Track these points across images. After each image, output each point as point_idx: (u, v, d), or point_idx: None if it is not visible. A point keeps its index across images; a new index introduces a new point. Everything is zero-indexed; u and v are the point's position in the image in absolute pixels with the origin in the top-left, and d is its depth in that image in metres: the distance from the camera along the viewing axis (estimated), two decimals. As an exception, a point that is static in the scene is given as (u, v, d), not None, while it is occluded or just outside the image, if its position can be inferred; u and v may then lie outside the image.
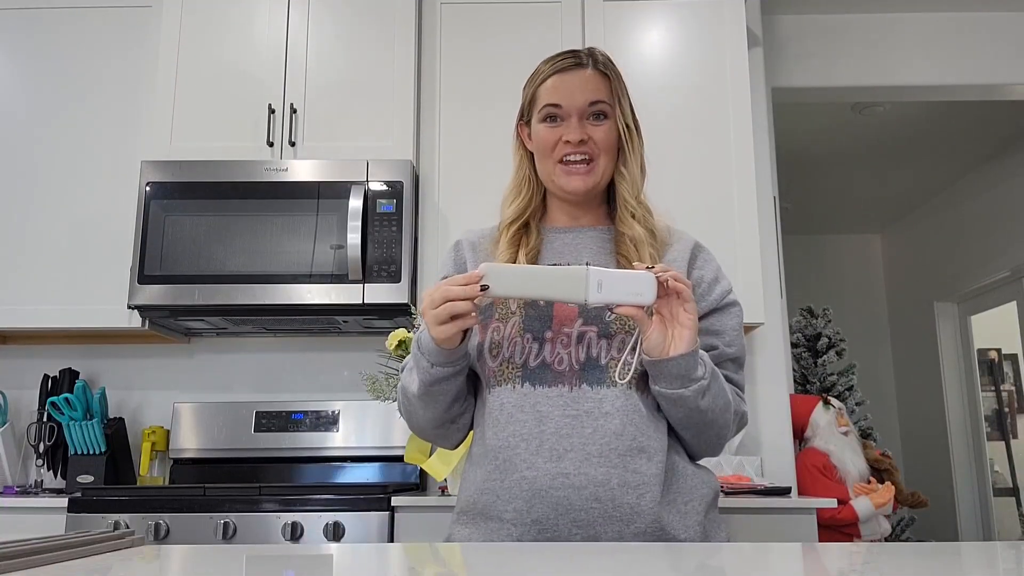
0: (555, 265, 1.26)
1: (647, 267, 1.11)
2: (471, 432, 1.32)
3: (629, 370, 1.17)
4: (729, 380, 1.25)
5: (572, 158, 1.27)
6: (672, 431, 1.23)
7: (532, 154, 1.33)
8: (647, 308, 1.11)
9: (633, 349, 1.17)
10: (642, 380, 1.19)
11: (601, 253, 1.29)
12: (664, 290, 1.11)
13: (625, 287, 1.08)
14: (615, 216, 1.31)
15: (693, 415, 1.17)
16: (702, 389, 1.15)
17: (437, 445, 1.37)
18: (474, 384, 1.29)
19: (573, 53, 1.31)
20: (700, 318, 1.20)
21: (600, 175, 1.28)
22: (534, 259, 1.29)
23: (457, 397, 1.23)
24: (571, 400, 1.17)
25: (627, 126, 1.29)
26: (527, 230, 1.31)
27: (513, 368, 1.20)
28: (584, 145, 1.26)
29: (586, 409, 1.17)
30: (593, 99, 1.27)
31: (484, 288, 1.06)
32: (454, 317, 1.09)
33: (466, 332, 1.15)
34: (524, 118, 1.35)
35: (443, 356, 1.15)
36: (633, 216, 1.28)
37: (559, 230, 1.33)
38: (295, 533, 1.97)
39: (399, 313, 2.45)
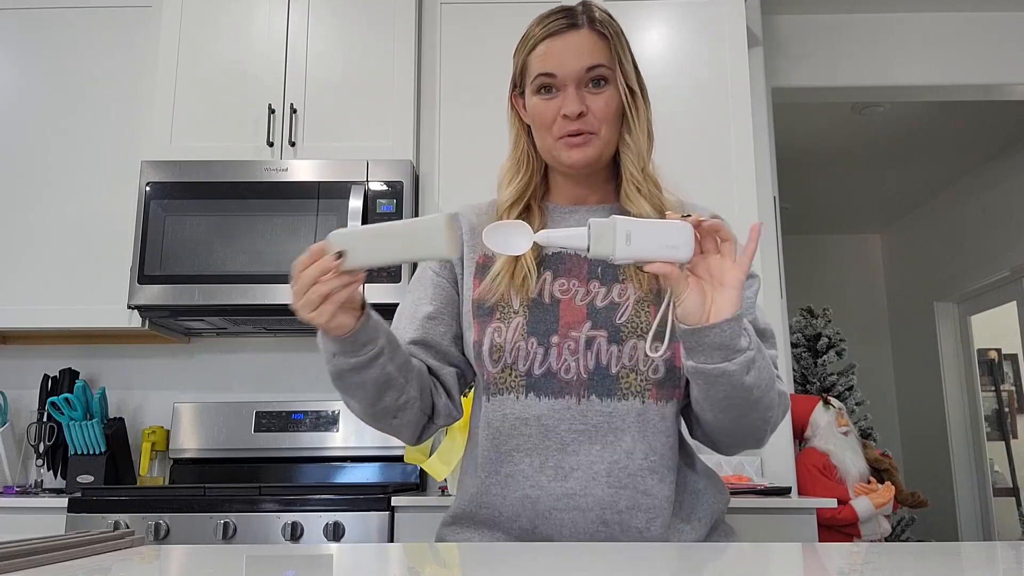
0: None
1: (683, 216, 0.95)
2: (462, 433, 1.27)
3: (663, 343, 1.02)
4: None
5: (572, 132, 1.13)
6: (683, 439, 1.15)
7: (529, 126, 1.20)
8: (682, 266, 0.95)
9: (664, 316, 1.00)
10: (657, 388, 1.09)
11: None
12: (700, 246, 0.96)
13: (658, 239, 0.91)
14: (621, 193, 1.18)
15: (736, 394, 1.00)
16: (748, 361, 0.98)
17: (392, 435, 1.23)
18: (447, 380, 1.17)
19: (566, 12, 1.15)
20: None
21: (602, 146, 1.15)
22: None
23: (384, 389, 1.08)
24: (578, 413, 1.08)
25: (630, 90, 1.15)
26: (528, 211, 1.19)
27: (516, 376, 1.11)
28: (582, 118, 1.12)
29: (594, 424, 1.08)
30: (590, 64, 1.13)
31: (339, 256, 0.93)
32: (326, 297, 0.95)
33: (362, 312, 1.02)
34: (517, 88, 1.21)
35: (338, 344, 1.01)
36: (639, 191, 1.16)
37: (564, 210, 1.21)
38: (295, 533, 1.97)
39: (399, 313, 2.45)
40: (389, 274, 2.36)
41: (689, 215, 0.94)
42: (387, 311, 2.60)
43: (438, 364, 1.17)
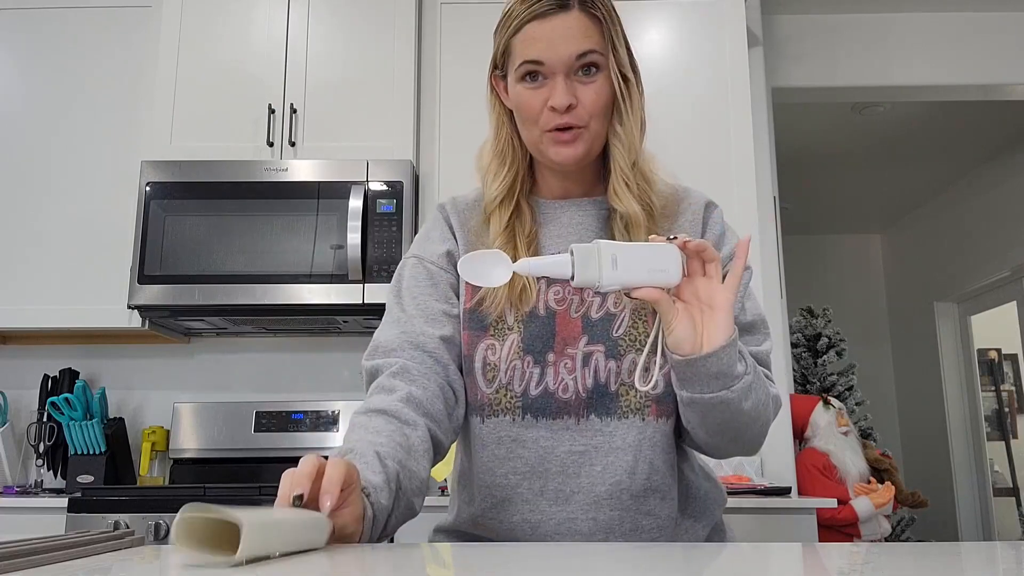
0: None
1: (668, 238, 0.90)
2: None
3: (652, 375, 0.97)
4: (754, 356, 1.03)
5: (560, 127, 1.05)
6: (680, 442, 1.11)
7: (511, 111, 1.12)
8: (671, 290, 0.90)
9: (655, 346, 0.94)
10: (657, 405, 1.04)
11: (606, 232, 1.10)
12: (686, 268, 0.90)
13: (645, 263, 0.86)
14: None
15: (733, 419, 0.96)
16: (746, 387, 0.93)
17: None
18: (448, 406, 1.05)
19: None
20: None
21: (592, 140, 1.06)
22: (535, 245, 1.10)
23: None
24: (578, 434, 1.03)
25: (623, 78, 1.06)
26: (518, 208, 1.11)
27: (512, 397, 1.05)
28: (571, 111, 1.03)
29: (595, 444, 1.03)
30: (581, 50, 1.03)
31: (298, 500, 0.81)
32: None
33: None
34: (498, 69, 1.12)
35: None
36: (627, 186, 1.07)
37: (555, 204, 1.14)
38: (295, 533, 1.97)
39: (399, 313, 2.44)
40: (389, 274, 2.35)
41: (675, 237, 0.89)
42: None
43: (457, 370, 1.08)
